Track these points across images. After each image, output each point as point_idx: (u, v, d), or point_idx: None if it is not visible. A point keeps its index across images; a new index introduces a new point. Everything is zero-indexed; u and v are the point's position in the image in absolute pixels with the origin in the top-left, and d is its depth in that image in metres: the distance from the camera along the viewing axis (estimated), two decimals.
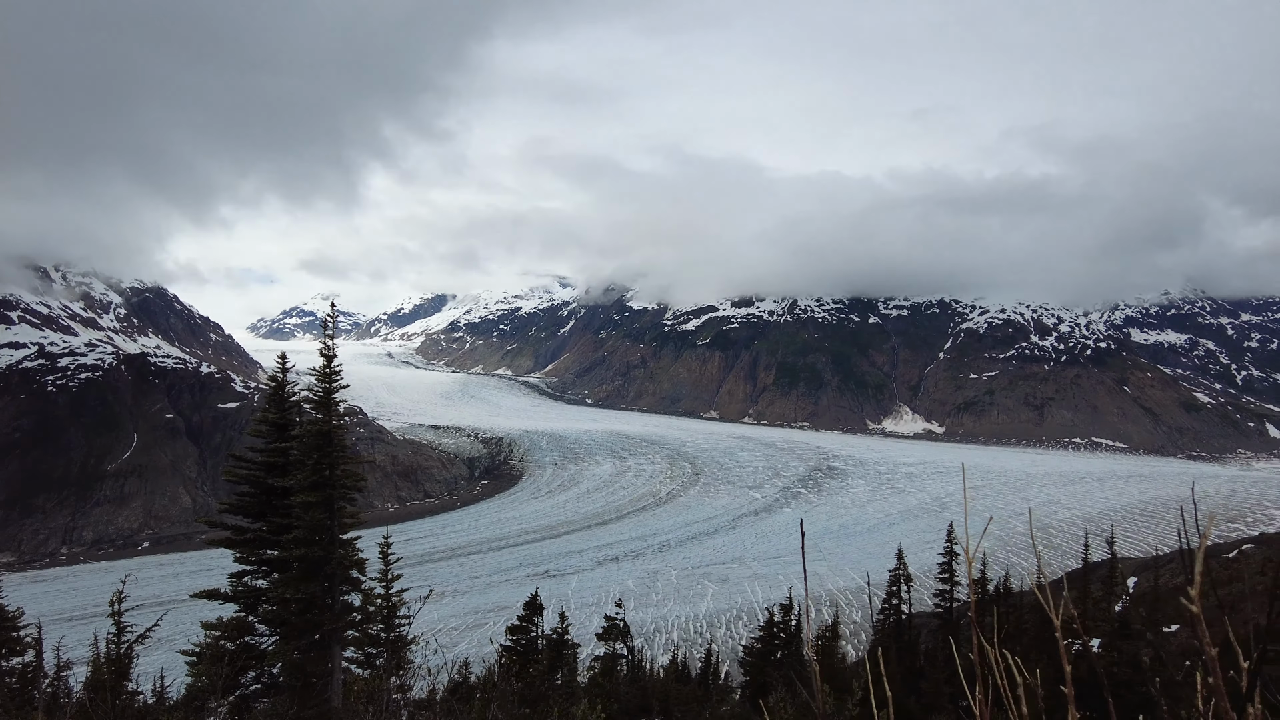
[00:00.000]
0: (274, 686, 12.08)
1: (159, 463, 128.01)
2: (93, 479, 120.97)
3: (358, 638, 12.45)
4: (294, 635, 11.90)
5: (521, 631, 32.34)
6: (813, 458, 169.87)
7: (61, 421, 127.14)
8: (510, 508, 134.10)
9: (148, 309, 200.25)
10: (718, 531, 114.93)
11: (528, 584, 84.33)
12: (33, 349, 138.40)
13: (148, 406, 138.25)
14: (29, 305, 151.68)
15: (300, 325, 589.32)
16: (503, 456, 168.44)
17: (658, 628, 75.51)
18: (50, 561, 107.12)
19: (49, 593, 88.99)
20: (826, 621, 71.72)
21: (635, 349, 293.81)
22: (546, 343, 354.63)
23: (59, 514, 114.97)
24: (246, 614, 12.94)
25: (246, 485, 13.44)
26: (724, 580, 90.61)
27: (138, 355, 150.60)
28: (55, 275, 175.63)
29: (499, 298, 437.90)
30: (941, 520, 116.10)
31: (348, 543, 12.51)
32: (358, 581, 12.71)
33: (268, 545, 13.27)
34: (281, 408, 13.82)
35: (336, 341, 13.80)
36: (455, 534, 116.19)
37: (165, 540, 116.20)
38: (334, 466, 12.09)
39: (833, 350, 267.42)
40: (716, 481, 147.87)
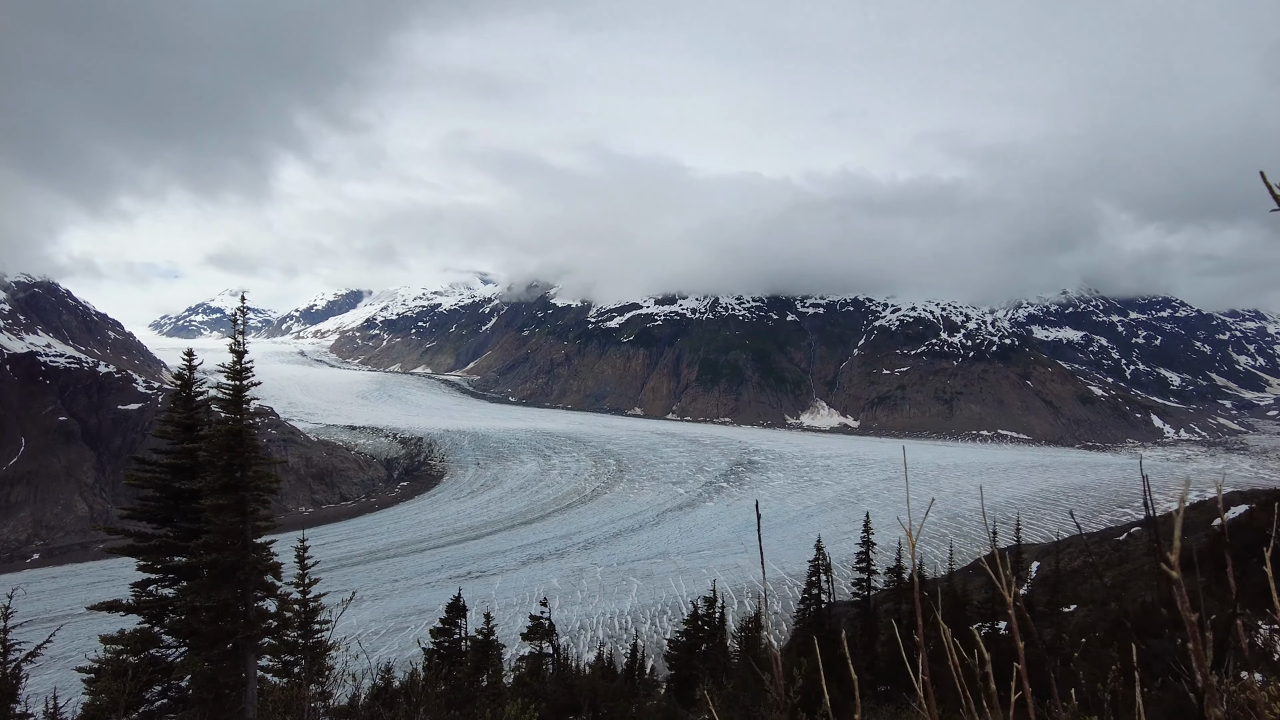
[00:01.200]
0: (183, 701, 11.45)
1: (50, 469, 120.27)
2: None
3: (274, 645, 11.93)
4: (205, 645, 11.32)
5: (445, 634, 31.75)
6: (734, 452, 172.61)
7: None
8: (431, 509, 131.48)
9: (37, 305, 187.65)
10: (642, 527, 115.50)
11: (450, 586, 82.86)
12: None
13: (37, 409, 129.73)
14: None
15: (207, 323, 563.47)
16: (423, 457, 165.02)
17: (583, 625, 75.40)
18: None
19: None
20: (749, 613, 73.05)
21: (559, 346, 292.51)
22: (468, 340, 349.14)
23: None
24: (151, 625, 12.22)
25: (151, 489, 12.70)
26: (648, 576, 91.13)
27: (25, 354, 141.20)
28: None
29: (418, 294, 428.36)
30: (858, 511, 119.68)
31: (261, 547, 11.98)
32: (273, 587, 12.18)
33: (175, 551, 12.58)
34: (189, 407, 13.13)
35: (246, 339, 13.20)
36: (374, 537, 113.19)
37: (58, 551, 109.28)
38: (246, 467, 11.54)
39: (753, 347, 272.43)
40: (641, 478, 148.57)
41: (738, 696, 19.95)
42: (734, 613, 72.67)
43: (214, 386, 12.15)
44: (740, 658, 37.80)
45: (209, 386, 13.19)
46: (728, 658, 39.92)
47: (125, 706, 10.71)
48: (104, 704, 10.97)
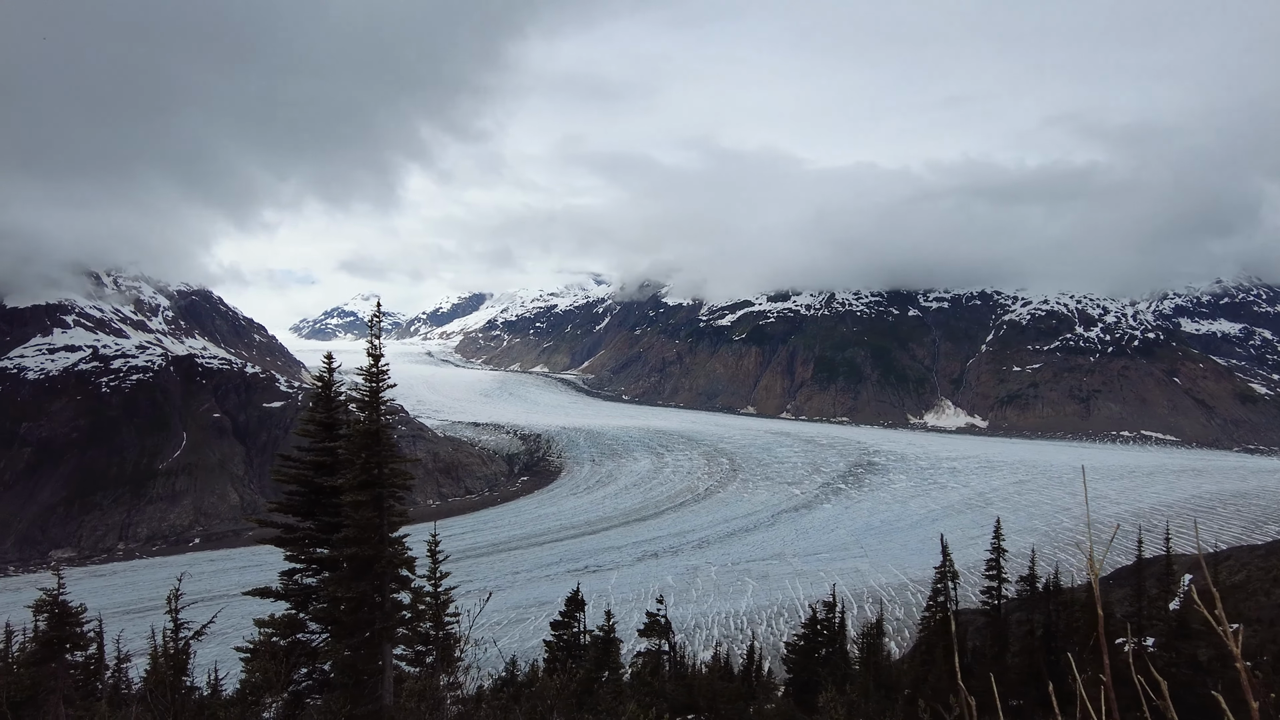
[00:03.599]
0: (326, 684, 12.21)
1: (207, 461, 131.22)
2: (145, 477, 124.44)
3: (407, 635, 12.54)
4: (345, 634, 12.01)
5: (564, 627, 32.43)
6: (853, 453, 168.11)
7: (115, 421, 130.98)
8: (549, 504, 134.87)
9: (194, 311, 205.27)
10: (757, 528, 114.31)
11: (568, 580, 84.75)
12: (87, 352, 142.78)
13: (196, 406, 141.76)
14: (83, 309, 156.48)
15: (341, 325, 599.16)
16: (541, 453, 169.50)
17: (698, 624, 75.34)
18: (108, 557, 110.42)
19: (107, 587, 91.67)
20: (870, 619, 70.95)
21: (670, 345, 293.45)
22: (582, 340, 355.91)
23: (115, 511, 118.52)
24: (298, 611, 13.10)
25: (295, 484, 13.60)
26: (764, 576, 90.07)
27: (185, 356, 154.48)
28: (107, 280, 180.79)
29: (535, 295, 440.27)
30: (986, 516, 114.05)
31: (397, 540, 12.59)
32: (407, 580, 12.79)
33: (317, 544, 13.42)
34: (329, 407, 13.96)
35: (377, 341, 13.84)
36: (496, 530, 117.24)
37: (215, 537, 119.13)
38: (382, 465, 12.17)
39: (872, 344, 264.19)
40: (755, 477, 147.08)
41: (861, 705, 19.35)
42: (854, 618, 70.80)
43: (351, 387, 12.85)
44: (862, 665, 36.74)
45: (347, 387, 13.95)
46: (849, 664, 38.89)
47: (277, 686, 11.59)
48: (259, 682, 11.88)
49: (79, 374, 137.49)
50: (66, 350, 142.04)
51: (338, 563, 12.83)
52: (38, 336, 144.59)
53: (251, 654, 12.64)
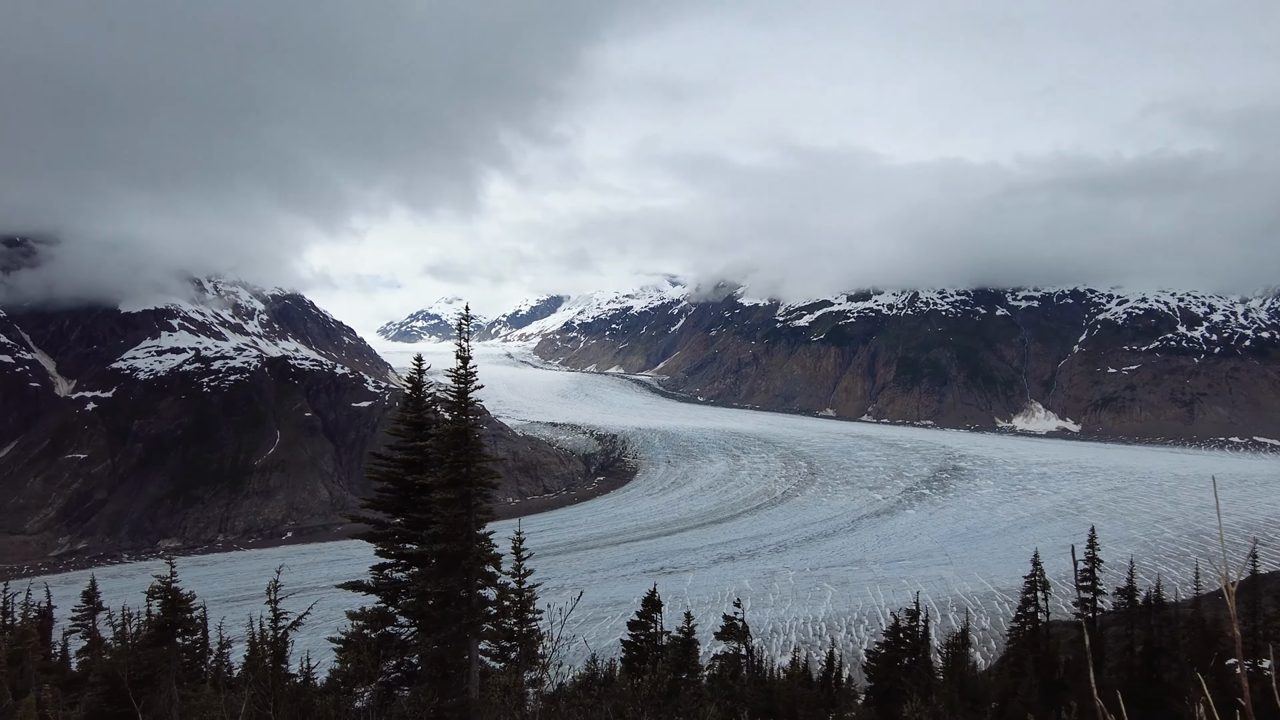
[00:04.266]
0: (414, 676, 12.64)
1: (299, 458, 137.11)
2: (242, 473, 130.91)
3: (493, 631, 12.85)
4: (433, 628, 12.40)
5: (641, 628, 32.57)
6: (937, 457, 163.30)
7: (215, 420, 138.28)
8: (625, 504, 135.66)
9: (287, 315, 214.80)
10: (836, 533, 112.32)
11: (644, 580, 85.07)
12: (190, 353, 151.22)
13: (289, 405, 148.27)
14: (187, 314, 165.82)
15: (426, 328, 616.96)
16: (617, 453, 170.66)
17: (775, 629, 74.54)
18: (209, 548, 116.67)
19: (209, 576, 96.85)
20: (954, 628, 68.74)
21: (747, 346, 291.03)
22: (657, 341, 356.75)
23: (215, 504, 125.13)
24: (387, 605, 13.61)
25: (386, 482, 14.12)
26: (844, 583, 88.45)
27: (279, 358, 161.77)
28: (208, 286, 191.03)
29: (611, 297, 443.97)
30: (1079, 524, 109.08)
31: (483, 537, 12.92)
32: (493, 576, 13.10)
33: (407, 539, 13.90)
34: (419, 408, 14.44)
35: (461, 343, 14.21)
36: (573, 529, 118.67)
37: (306, 531, 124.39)
38: (470, 464, 12.52)
39: (958, 344, 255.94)
40: (834, 481, 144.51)
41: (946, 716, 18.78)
42: (937, 627, 68.83)
43: (439, 389, 13.26)
44: (947, 675, 35.64)
45: (435, 388, 14.40)
46: (932, 674, 37.80)
47: (368, 676, 12.09)
48: (350, 672, 12.41)
49: (183, 374, 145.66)
50: (172, 352, 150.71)
51: (426, 558, 13.26)
52: (147, 339, 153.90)
53: (344, 645, 13.18)
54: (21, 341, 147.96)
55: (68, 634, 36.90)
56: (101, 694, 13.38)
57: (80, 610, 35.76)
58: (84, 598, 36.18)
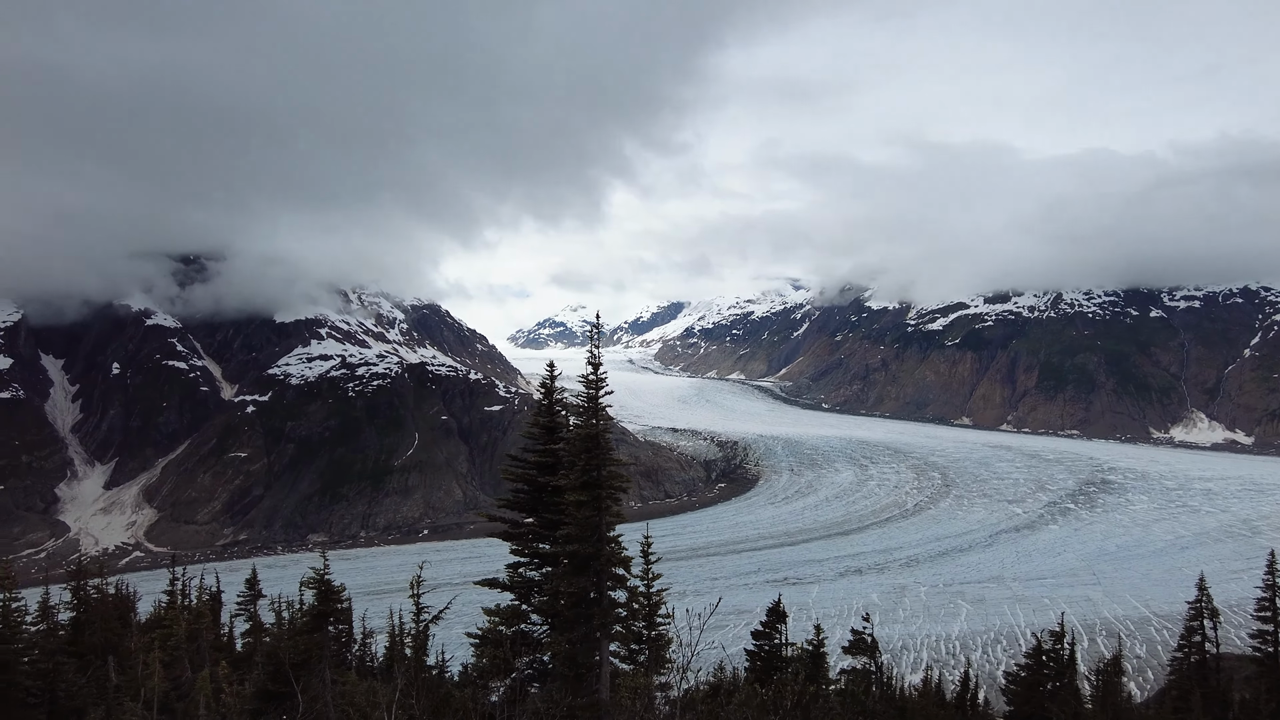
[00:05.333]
0: (545, 673, 13.04)
1: (436, 459, 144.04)
2: (383, 473, 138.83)
3: (622, 633, 13.06)
4: (565, 627, 12.73)
5: (765, 637, 32.11)
6: (1084, 470, 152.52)
7: (359, 422, 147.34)
8: (747, 512, 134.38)
9: (425, 323, 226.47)
10: (972, 548, 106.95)
11: (767, 590, 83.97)
12: (337, 360, 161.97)
13: (426, 409, 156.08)
14: (334, 323, 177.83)
15: (552, 335, 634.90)
16: (738, 460, 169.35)
17: (905, 645, 71.80)
18: (352, 543, 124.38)
19: (352, 569, 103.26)
20: (1105, 654, 63.91)
21: (875, 351, 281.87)
22: (780, 346, 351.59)
23: (359, 502, 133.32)
24: (521, 603, 14.09)
25: (520, 483, 14.64)
26: (979, 600, 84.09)
27: (418, 364, 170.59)
28: (353, 297, 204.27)
29: (731, 303, 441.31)
30: (1253, 547, 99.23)
31: (613, 540, 13.17)
32: (623, 579, 13.33)
33: (540, 539, 14.36)
34: (551, 412, 14.91)
35: (583, 349, 14.54)
36: (694, 535, 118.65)
37: (441, 529, 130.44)
38: (601, 467, 12.81)
39: (1106, 349, 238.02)
40: (970, 494, 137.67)
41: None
42: (1084, 651, 64.22)
43: (572, 394, 13.63)
44: (1097, 705, 33.16)
45: (569, 394, 14.80)
46: (1080, 701, 35.27)
47: (503, 671, 12.57)
48: (486, 667, 12.94)
49: (331, 380, 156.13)
50: (321, 359, 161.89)
51: (559, 558, 13.65)
52: (299, 347, 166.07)
53: (481, 640, 13.76)
54: (194, 350, 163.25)
55: (234, 616, 40.41)
56: (267, 673, 14.57)
57: (244, 596, 39.10)
58: (247, 584, 39.52)
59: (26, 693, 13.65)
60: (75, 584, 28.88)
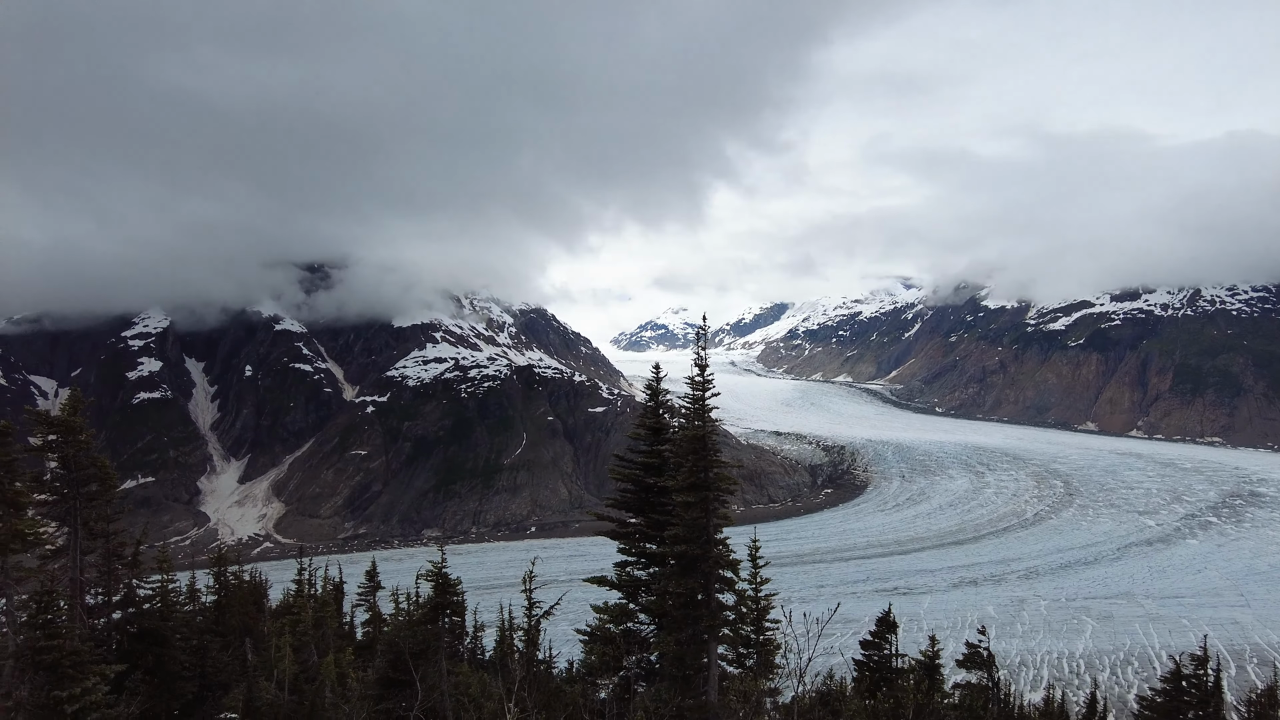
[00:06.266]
0: (652, 673, 13.09)
1: (542, 459, 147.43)
2: (493, 471, 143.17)
3: (730, 636, 12.97)
4: (674, 627, 12.74)
5: (874, 648, 31.15)
6: (1228, 480, 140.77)
7: (470, 422, 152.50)
8: (854, 518, 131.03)
9: (532, 327, 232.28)
10: (1098, 561, 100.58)
11: (875, 599, 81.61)
12: (450, 363, 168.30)
13: (533, 410, 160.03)
14: (447, 327, 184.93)
15: (654, 338, 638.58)
16: (845, 465, 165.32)
17: (1024, 661, 68.26)
18: (463, 538, 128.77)
19: (463, 564, 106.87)
20: (1256, 683, 58.75)
21: (991, 352, 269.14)
22: (889, 348, 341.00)
23: (470, 499, 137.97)
24: (628, 601, 14.21)
25: (628, 483, 14.77)
26: (1106, 617, 78.96)
27: (525, 366, 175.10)
28: (465, 302, 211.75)
29: (837, 303, 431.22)
30: None
31: (721, 542, 13.11)
32: (731, 581, 13.24)
33: (647, 539, 14.44)
34: (657, 414, 14.98)
35: (684, 352, 14.51)
36: (799, 541, 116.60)
37: (547, 527, 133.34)
38: (709, 469, 12.76)
39: (1254, 349, 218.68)
40: (1096, 504, 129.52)
41: None
42: (1231, 679, 59.36)
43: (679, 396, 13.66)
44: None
45: (673, 395, 14.84)
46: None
47: (611, 669, 12.71)
48: (595, 663, 13.13)
49: (444, 381, 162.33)
50: (435, 362, 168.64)
51: (665, 559, 13.68)
52: (415, 350, 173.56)
53: (589, 637, 13.96)
54: (318, 353, 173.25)
55: (354, 606, 42.57)
56: (387, 662, 15.28)
57: (364, 587, 41.12)
58: (366, 576, 41.50)
59: (181, 666, 14.89)
60: (217, 570, 31.09)
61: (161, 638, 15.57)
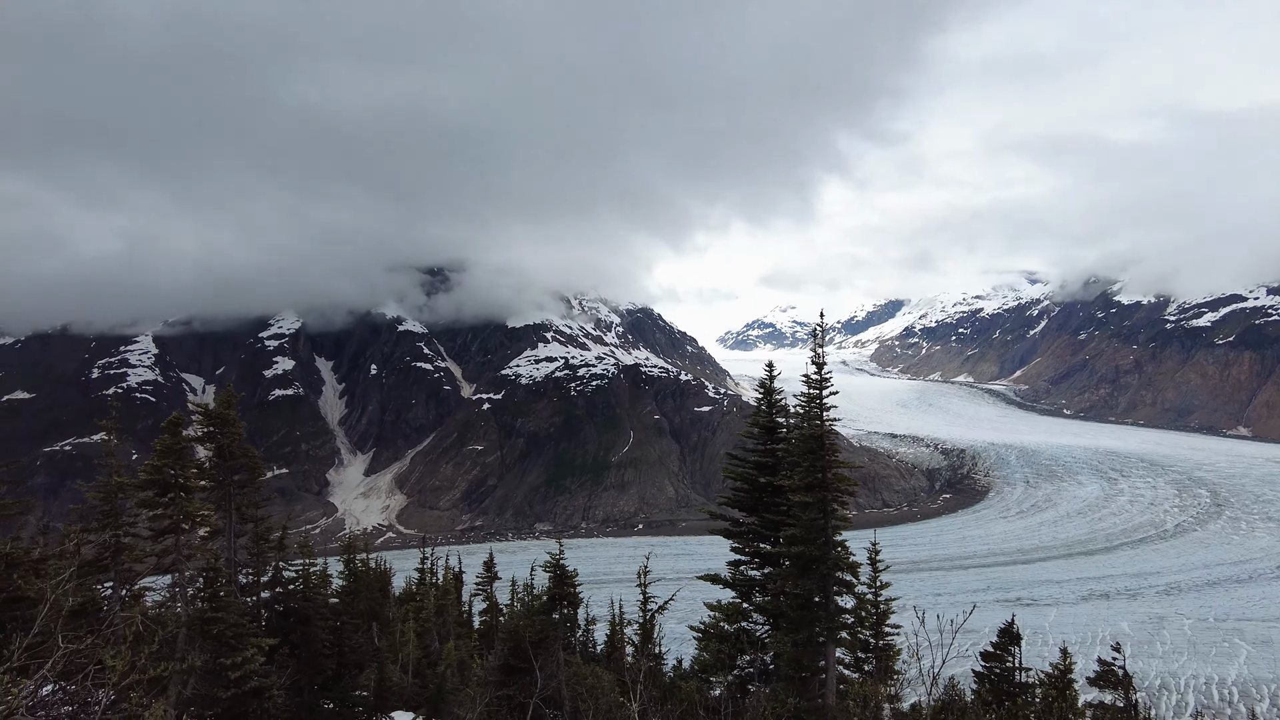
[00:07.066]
0: (766, 673, 13.04)
1: (649, 457, 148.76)
2: (601, 468, 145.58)
3: (848, 640, 12.76)
4: (791, 628, 12.67)
5: (996, 659, 29.82)
6: None
7: (579, 420, 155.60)
8: (975, 525, 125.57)
9: (639, 326, 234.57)
10: (1253, 579, 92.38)
11: (996, 609, 77.93)
12: (560, 362, 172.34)
13: (640, 409, 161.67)
14: (557, 327, 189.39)
15: (761, 336, 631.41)
16: (965, 470, 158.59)
17: (1165, 684, 63.54)
18: (573, 533, 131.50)
19: (573, 559, 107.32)
20: None
21: (1126, 351, 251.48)
22: (1013, 346, 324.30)
23: (579, 495, 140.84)
24: (742, 601, 14.21)
25: (741, 482, 14.77)
26: (1264, 642, 72.38)
27: (632, 366, 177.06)
28: (574, 303, 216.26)
29: (956, 300, 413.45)
30: None
31: (840, 544, 12.92)
32: (850, 584, 13.03)
33: (761, 539, 14.41)
34: (771, 412, 14.92)
35: (793, 351, 14.34)
36: (915, 547, 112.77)
37: (654, 525, 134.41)
38: (827, 469, 12.60)
39: None
40: (1249, 515, 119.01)
41: None
42: None
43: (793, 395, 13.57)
44: None
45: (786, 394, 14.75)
46: None
47: (725, 667, 12.76)
48: (709, 661, 13.21)
49: (554, 380, 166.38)
50: (546, 361, 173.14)
51: (780, 559, 13.61)
52: (527, 350, 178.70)
53: (703, 635, 14.06)
54: (438, 352, 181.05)
55: (472, 596, 44.31)
56: (508, 649, 15.89)
57: (481, 578, 42.75)
58: (484, 567, 43.14)
59: (323, 644, 16.05)
60: (348, 557, 33.10)
61: (305, 617, 16.79)
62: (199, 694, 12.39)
